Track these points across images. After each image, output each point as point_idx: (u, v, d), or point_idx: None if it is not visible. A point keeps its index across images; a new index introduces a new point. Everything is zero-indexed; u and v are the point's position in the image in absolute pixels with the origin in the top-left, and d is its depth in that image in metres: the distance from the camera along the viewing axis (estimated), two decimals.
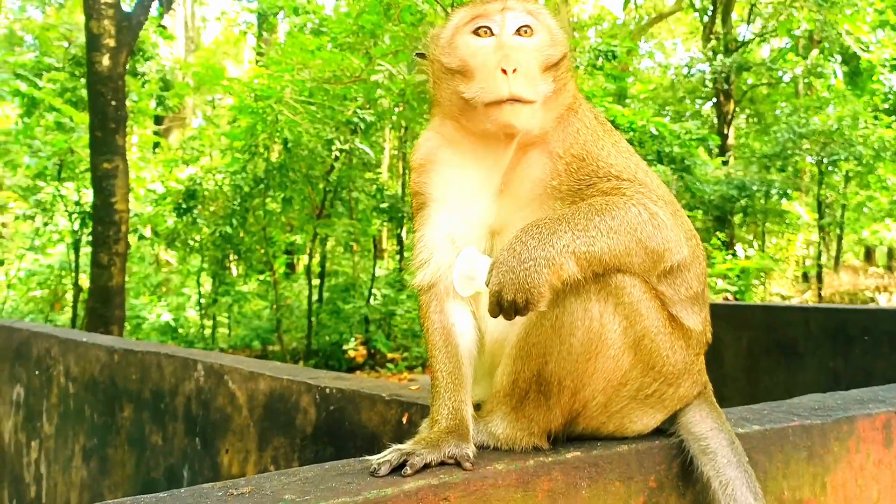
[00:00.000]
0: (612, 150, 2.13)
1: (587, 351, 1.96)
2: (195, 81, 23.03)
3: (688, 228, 2.19)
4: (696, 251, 2.18)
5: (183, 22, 30.06)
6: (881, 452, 2.48)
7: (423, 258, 2.20)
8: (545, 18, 2.17)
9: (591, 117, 2.21)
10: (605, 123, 2.25)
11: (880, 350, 6.97)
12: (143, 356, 4.27)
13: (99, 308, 10.91)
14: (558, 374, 1.98)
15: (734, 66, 23.87)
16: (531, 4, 2.17)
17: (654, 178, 2.20)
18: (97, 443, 4.64)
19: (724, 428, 2.16)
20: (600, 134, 2.17)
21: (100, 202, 10.90)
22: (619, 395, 2.05)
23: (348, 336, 15.87)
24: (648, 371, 2.05)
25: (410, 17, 12.53)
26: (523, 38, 2.12)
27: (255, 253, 16.67)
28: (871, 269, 31.16)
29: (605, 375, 2.00)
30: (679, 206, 2.24)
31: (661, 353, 2.05)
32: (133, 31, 11.02)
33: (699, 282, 2.17)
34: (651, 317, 2.02)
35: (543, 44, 2.13)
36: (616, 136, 2.23)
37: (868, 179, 26.22)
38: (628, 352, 2.00)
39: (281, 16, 21.78)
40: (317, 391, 3.15)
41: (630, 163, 2.14)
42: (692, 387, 2.17)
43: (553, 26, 2.18)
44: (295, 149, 14.43)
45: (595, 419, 2.08)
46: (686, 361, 2.12)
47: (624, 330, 1.98)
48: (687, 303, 2.14)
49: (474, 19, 2.14)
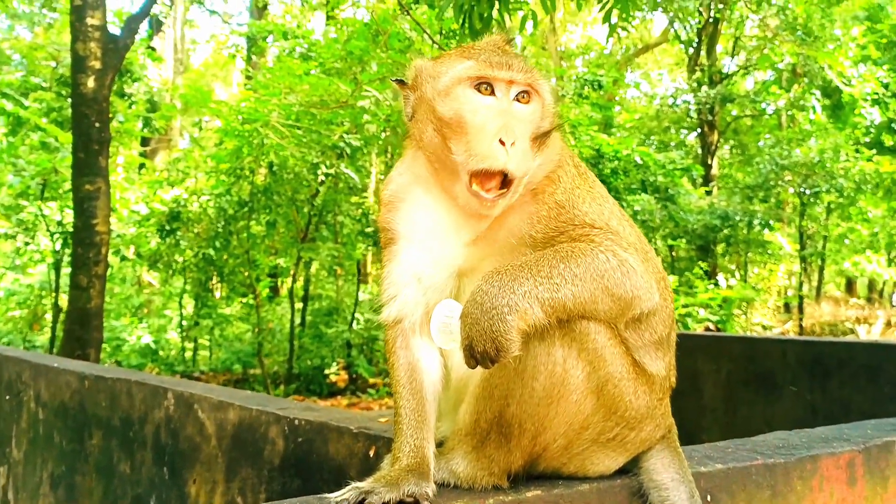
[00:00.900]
0: (588, 198, 2.14)
1: (549, 395, 1.96)
2: (182, 103, 23.04)
3: (656, 271, 2.18)
4: (663, 294, 2.18)
5: (172, 44, 30.13)
6: (844, 491, 2.49)
7: (389, 294, 2.19)
8: (542, 85, 2.14)
9: (572, 166, 2.21)
10: (583, 170, 2.26)
11: (858, 383, 7.00)
12: (114, 383, 4.23)
13: (77, 330, 10.81)
14: (519, 416, 1.98)
15: (718, 97, 24.16)
16: (531, 69, 2.12)
17: (627, 224, 2.20)
18: (65, 470, 4.58)
19: (685, 479, 2.16)
20: (579, 182, 2.17)
21: (81, 223, 10.83)
22: (581, 439, 2.05)
23: (330, 360, 15.78)
24: (611, 416, 2.05)
25: (398, 43, 12.63)
26: (522, 104, 2.09)
27: (239, 276, 16.60)
28: (852, 300, 31.34)
29: (567, 419, 2.00)
30: (651, 251, 2.24)
31: (624, 398, 2.05)
32: (119, 53, 11.03)
33: (664, 325, 2.17)
34: (615, 363, 2.02)
35: (539, 112, 2.11)
36: (592, 182, 2.24)
37: (849, 211, 26.50)
38: (591, 396, 2.00)
39: (270, 40, 21.88)
40: (286, 422, 3.13)
41: (604, 210, 2.14)
42: (655, 430, 2.17)
43: (548, 91, 2.16)
44: (280, 172, 14.44)
45: (556, 460, 2.08)
46: (649, 406, 2.12)
47: (587, 375, 1.98)
48: (651, 348, 2.14)
49: (480, 77, 2.07)
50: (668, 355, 2.21)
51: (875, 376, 6.85)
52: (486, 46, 2.16)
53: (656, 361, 2.15)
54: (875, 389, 6.83)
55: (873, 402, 6.78)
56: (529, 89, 2.09)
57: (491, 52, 2.11)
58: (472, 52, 2.15)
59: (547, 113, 2.12)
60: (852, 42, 24.62)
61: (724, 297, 17.69)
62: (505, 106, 2.05)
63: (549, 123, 2.11)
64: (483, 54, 2.11)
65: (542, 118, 2.10)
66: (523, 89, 2.08)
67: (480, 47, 2.16)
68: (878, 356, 6.95)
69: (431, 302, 2.13)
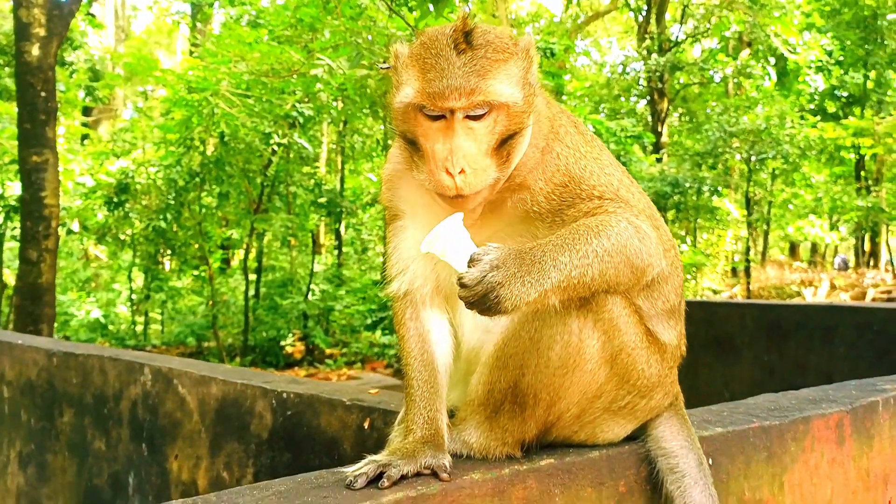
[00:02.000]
0: (595, 169, 2.10)
1: (565, 365, 1.96)
2: (126, 72, 22.42)
3: (667, 240, 2.19)
4: (674, 262, 2.19)
5: (113, 10, 29.19)
6: (834, 451, 2.56)
7: (398, 268, 2.17)
8: (498, 90, 1.94)
9: (572, 134, 2.15)
10: (587, 135, 2.21)
11: (813, 344, 7.21)
12: (85, 359, 4.12)
13: (28, 306, 10.52)
14: (535, 386, 1.98)
15: (667, 65, 24.37)
16: (481, 77, 1.93)
17: (636, 191, 2.19)
18: (34, 448, 4.47)
19: (693, 446, 2.19)
20: (582, 152, 2.12)
21: (28, 196, 10.50)
22: (593, 407, 2.06)
23: (286, 332, 15.67)
24: (623, 384, 2.07)
25: (350, 10, 12.39)
26: (474, 122, 1.94)
27: (190, 248, 16.31)
28: (796, 263, 32.17)
29: (581, 389, 2.01)
30: (659, 217, 2.24)
31: (637, 367, 2.07)
32: (64, 20, 10.63)
33: (676, 294, 2.19)
34: (629, 332, 2.03)
35: (500, 119, 1.96)
36: (597, 149, 2.19)
37: (793, 177, 27.09)
38: (605, 366, 2.01)
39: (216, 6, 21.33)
40: (273, 396, 3.09)
41: (613, 179, 2.11)
42: (664, 398, 2.20)
43: (510, 88, 1.97)
44: (232, 142, 14.16)
45: (568, 429, 2.09)
46: (660, 374, 2.14)
47: (602, 345, 1.99)
48: (663, 316, 2.16)
49: (430, 101, 1.92)
50: (680, 325, 2.23)
51: (830, 337, 7.06)
52: (432, 56, 1.96)
53: (668, 330, 2.17)
54: (830, 350, 7.05)
55: (828, 362, 7.00)
56: (483, 101, 1.92)
57: (434, 71, 1.93)
58: (421, 65, 1.97)
59: (514, 112, 1.97)
60: (797, 10, 24.98)
61: None
62: (454, 128, 1.93)
63: (516, 123, 1.98)
64: (429, 73, 1.94)
65: (508, 121, 1.96)
66: (475, 107, 1.93)
67: (427, 57, 1.97)
68: (833, 318, 7.16)
69: (442, 275, 2.12)
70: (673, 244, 2.23)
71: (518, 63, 2.00)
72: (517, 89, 1.97)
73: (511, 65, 1.98)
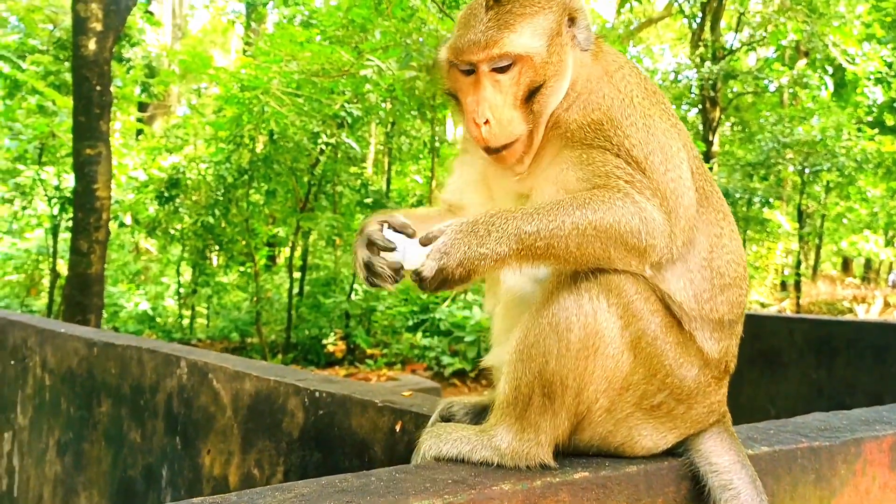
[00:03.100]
0: (639, 123, 2.05)
1: (586, 346, 1.93)
2: (181, 69, 22.79)
3: (727, 252, 2.14)
4: (738, 273, 2.15)
5: (171, 9, 29.72)
6: (887, 476, 2.43)
7: (450, 188, 2.37)
8: (518, 44, 2.04)
9: (628, 81, 2.13)
10: (650, 91, 2.17)
11: (864, 363, 6.98)
12: (124, 350, 4.15)
13: (77, 296, 10.71)
14: (560, 372, 1.93)
15: (721, 73, 23.95)
16: (502, 32, 2.05)
17: (678, 165, 2.07)
18: (73, 437, 4.51)
19: (745, 463, 2.10)
20: (635, 103, 2.09)
21: (81, 188, 10.69)
22: (623, 400, 2.00)
23: (328, 330, 15.75)
24: (651, 378, 2.00)
25: (401, 12, 12.41)
26: (500, 74, 2.06)
27: (237, 244, 16.50)
28: (848, 279, 31.42)
29: (606, 375, 1.96)
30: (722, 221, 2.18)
31: (664, 360, 2.00)
32: (121, 15, 10.82)
33: (729, 307, 2.12)
34: (647, 319, 1.98)
35: (525, 72, 2.05)
36: (656, 107, 2.13)
37: (848, 191, 26.46)
38: (627, 352, 1.96)
39: (270, 6, 21.58)
40: (305, 394, 3.06)
41: (652, 144, 2.04)
42: (708, 414, 2.12)
43: (532, 41, 2.06)
44: (280, 141, 14.29)
45: (601, 425, 2.02)
46: (698, 381, 2.06)
47: (620, 329, 1.95)
48: (707, 324, 2.08)
49: (456, 56, 2.09)
50: (727, 341, 2.13)
51: (882, 356, 6.82)
52: (466, 14, 2.13)
53: (710, 342, 2.08)
54: (882, 369, 6.81)
55: (879, 382, 6.76)
56: (506, 54, 2.04)
57: (464, 28, 2.09)
58: (457, 24, 2.16)
59: (539, 64, 2.05)
60: (857, 20, 24.38)
61: None
62: (482, 81, 2.05)
63: (543, 75, 2.05)
64: (459, 30, 2.10)
65: (535, 73, 2.04)
66: (498, 59, 2.05)
67: (463, 16, 2.15)
68: (886, 336, 6.93)
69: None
70: (736, 258, 2.17)
71: (549, 16, 2.08)
72: (542, 42, 2.06)
73: (539, 18, 2.08)
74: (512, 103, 2.04)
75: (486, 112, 2.03)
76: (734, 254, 2.16)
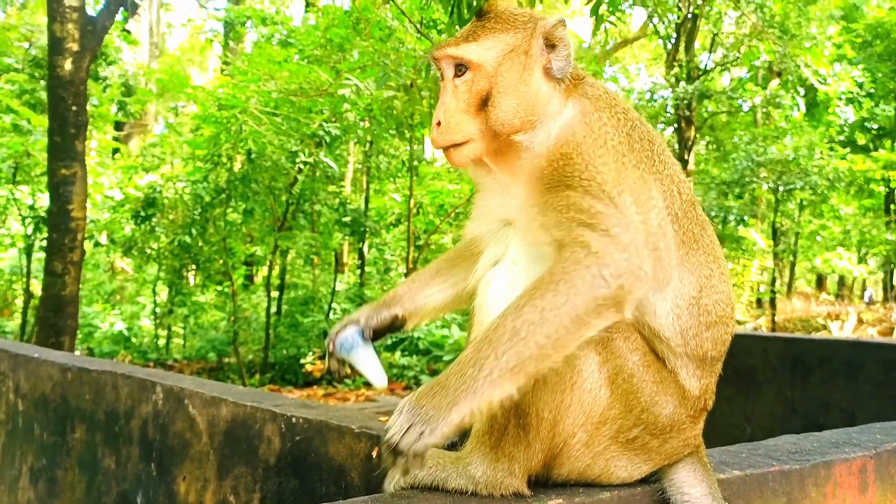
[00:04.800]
0: (610, 163, 2.02)
1: (562, 381, 1.92)
2: (158, 88, 22.70)
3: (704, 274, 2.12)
4: (725, 312, 2.15)
5: (147, 27, 29.65)
6: (857, 498, 2.47)
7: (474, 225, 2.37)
8: (473, 52, 2.12)
9: (604, 123, 2.11)
10: (633, 137, 2.13)
11: (837, 381, 7.05)
12: (99, 375, 4.11)
13: (51, 317, 10.59)
14: (536, 403, 1.93)
15: (696, 93, 24.25)
16: (474, 37, 2.14)
17: (650, 208, 2.02)
18: (46, 463, 4.46)
19: (716, 496, 2.12)
20: (609, 144, 2.06)
21: (56, 209, 10.60)
22: (600, 433, 2.00)
23: (306, 350, 15.67)
24: (628, 413, 2.00)
25: (379, 32, 12.47)
26: (458, 79, 2.14)
27: (214, 263, 16.42)
28: (823, 296, 31.75)
29: (583, 409, 1.96)
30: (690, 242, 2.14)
31: (640, 397, 2.01)
32: (98, 35, 10.78)
33: (713, 345, 2.12)
34: (625, 356, 1.98)
35: (478, 78, 2.11)
36: (632, 155, 2.08)
37: (822, 209, 26.84)
38: (605, 387, 1.96)
39: (248, 25, 21.60)
40: (282, 420, 3.05)
41: (623, 183, 1.99)
42: (683, 447, 2.13)
43: (498, 47, 2.12)
44: (258, 160, 14.26)
45: (579, 459, 2.02)
46: (674, 418, 2.07)
47: (598, 364, 1.95)
48: (692, 361, 2.08)
49: (429, 54, 2.23)
50: (707, 379, 2.14)
51: (855, 374, 6.90)
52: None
53: (692, 379, 2.09)
54: (855, 387, 6.88)
55: (853, 400, 6.83)
56: (464, 61, 2.13)
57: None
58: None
59: (490, 74, 2.11)
60: (828, 41, 24.82)
61: None
62: (446, 86, 2.16)
63: (494, 85, 2.10)
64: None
65: (487, 82, 2.11)
66: (457, 65, 2.14)
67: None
68: (859, 354, 7.00)
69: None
70: (724, 298, 2.16)
71: (517, 35, 2.15)
72: (496, 54, 2.12)
73: (507, 35, 2.15)
74: (464, 108, 2.11)
75: (440, 114, 2.12)
76: (723, 294, 2.16)
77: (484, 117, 2.11)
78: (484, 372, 1.77)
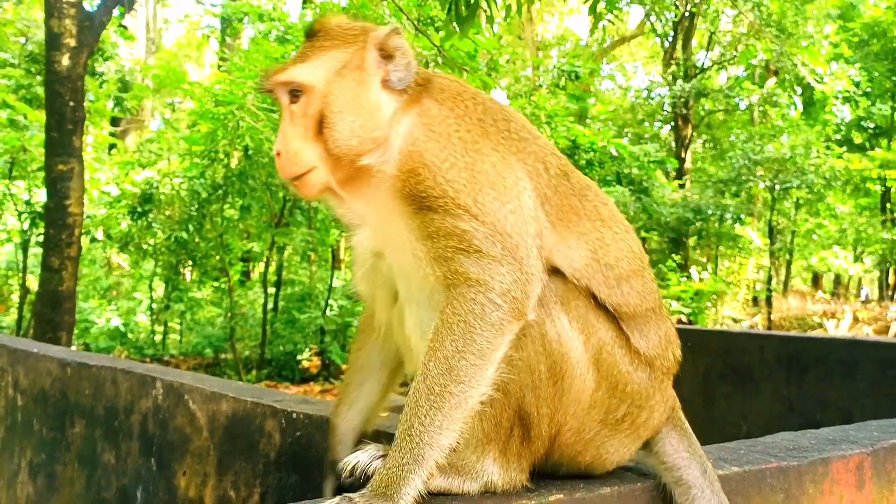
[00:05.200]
0: (459, 162, 1.94)
1: (554, 374, 1.94)
2: (155, 84, 22.67)
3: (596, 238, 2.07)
4: (633, 265, 2.11)
5: (144, 23, 29.60)
6: (854, 495, 2.49)
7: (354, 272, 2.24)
8: (309, 67, 2.02)
9: (445, 117, 2.02)
10: (482, 119, 2.05)
11: (833, 379, 7.07)
12: (98, 371, 4.12)
13: (48, 313, 10.58)
14: (536, 403, 1.96)
15: (693, 91, 24.32)
16: (304, 58, 2.05)
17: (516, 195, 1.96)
18: (45, 458, 4.47)
19: (695, 455, 2.16)
20: (453, 139, 1.98)
21: (53, 204, 10.59)
22: (591, 419, 2.02)
23: (303, 346, 15.68)
24: (614, 391, 2.03)
25: None
26: (293, 105, 2.03)
27: (211, 259, 16.40)
28: (819, 294, 31.84)
29: (575, 396, 1.98)
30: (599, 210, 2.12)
31: (620, 367, 2.02)
32: (95, 31, 10.76)
33: (641, 299, 2.09)
34: (602, 328, 2.00)
35: (312, 100, 2.01)
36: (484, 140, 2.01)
37: (818, 207, 26.91)
38: (591, 369, 1.98)
39: (245, 21, 21.55)
40: (283, 415, 3.06)
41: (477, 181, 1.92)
42: (663, 412, 2.16)
43: (328, 65, 2.02)
44: (255, 156, 14.25)
45: (571, 447, 2.04)
46: (652, 383, 2.09)
47: (583, 345, 1.96)
48: (633, 321, 2.07)
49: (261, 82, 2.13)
50: (657, 331, 2.13)
51: (851, 373, 6.92)
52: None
53: (642, 339, 2.08)
54: (851, 386, 6.90)
55: (849, 398, 6.86)
56: (297, 86, 2.02)
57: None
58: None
59: (323, 95, 2.00)
60: (825, 40, 24.88)
61: (696, 290, 17.85)
62: (284, 113, 2.06)
63: (329, 106, 1.99)
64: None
65: (322, 104, 1.99)
66: (292, 91, 2.04)
67: None
68: (855, 353, 7.02)
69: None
70: (624, 254, 2.11)
71: (347, 50, 2.04)
72: (324, 73, 2.02)
73: (337, 52, 2.04)
74: (302, 135, 2.01)
75: (280, 143, 2.02)
76: (621, 250, 2.10)
77: (323, 141, 1.99)
78: (417, 441, 1.80)
